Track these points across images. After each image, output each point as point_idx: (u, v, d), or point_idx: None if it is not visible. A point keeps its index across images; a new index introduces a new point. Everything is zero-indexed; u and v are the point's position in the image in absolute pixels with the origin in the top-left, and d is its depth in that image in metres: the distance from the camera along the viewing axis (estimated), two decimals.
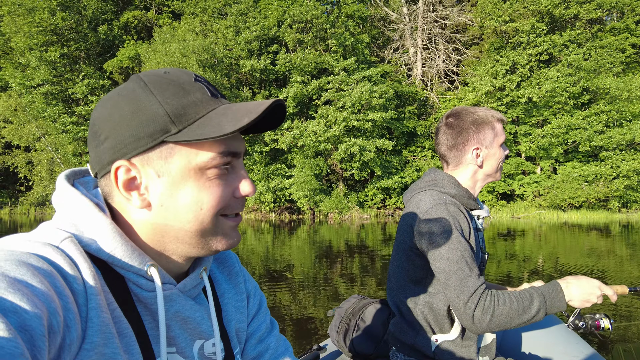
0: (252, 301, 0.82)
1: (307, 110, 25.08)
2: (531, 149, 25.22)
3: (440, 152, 1.39)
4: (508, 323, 1.11)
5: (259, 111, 0.57)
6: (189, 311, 0.65)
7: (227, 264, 0.80)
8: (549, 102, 24.70)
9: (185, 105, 0.58)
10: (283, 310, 4.15)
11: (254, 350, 0.80)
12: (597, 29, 27.33)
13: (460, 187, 1.31)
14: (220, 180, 0.61)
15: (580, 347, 1.50)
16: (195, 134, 0.56)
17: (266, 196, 22.78)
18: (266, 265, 6.92)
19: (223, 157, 0.60)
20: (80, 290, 0.51)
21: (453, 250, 1.15)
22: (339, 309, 1.70)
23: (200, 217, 0.60)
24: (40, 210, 26.59)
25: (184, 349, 0.64)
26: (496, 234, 12.97)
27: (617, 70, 26.11)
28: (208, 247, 0.63)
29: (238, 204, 0.65)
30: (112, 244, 0.56)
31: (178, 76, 0.61)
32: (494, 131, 1.32)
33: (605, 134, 24.04)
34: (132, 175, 0.59)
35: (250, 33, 23.85)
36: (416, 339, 1.29)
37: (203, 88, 0.61)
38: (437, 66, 29.58)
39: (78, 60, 26.31)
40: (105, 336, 0.52)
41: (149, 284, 0.60)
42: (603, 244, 10.05)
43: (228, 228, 0.64)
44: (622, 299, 4.35)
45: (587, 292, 1.16)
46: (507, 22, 26.10)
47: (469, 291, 1.12)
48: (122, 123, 0.57)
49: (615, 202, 23.48)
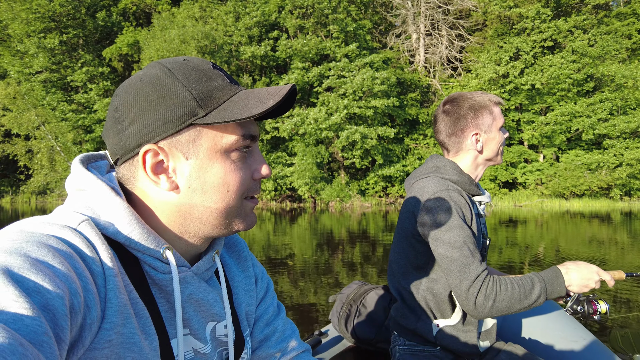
0: (260, 285, 0.85)
1: (308, 98, 24.88)
2: (534, 137, 25.04)
3: (440, 139, 1.40)
4: (510, 308, 1.12)
5: (282, 94, 0.60)
6: (202, 293, 0.66)
7: (236, 248, 0.83)
8: (553, 89, 24.45)
9: (210, 90, 0.60)
10: (285, 297, 4.14)
11: (262, 332, 0.83)
12: (603, 14, 26.90)
13: (462, 173, 1.32)
14: (242, 162, 0.64)
15: (579, 331, 1.53)
16: (223, 116, 0.58)
17: (267, 184, 22.72)
18: (268, 253, 6.89)
19: (245, 139, 0.63)
20: (99, 271, 0.53)
21: (455, 236, 1.15)
22: (340, 294, 1.72)
23: (227, 198, 0.63)
24: (42, 198, 26.63)
25: (197, 331, 0.66)
26: (498, 222, 12.92)
27: (623, 57, 25.77)
28: (230, 228, 0.66)
29: (256, 186, 0.68)
30: (129, 227, 0.58)
31: (198, 64, 0.63)
32: (492, 115, 1.32)
33: (609, 121, 23.82)
34: (160, 158, 0.60)
35: (250, 19, 23.54)
36: (418, 324, 1.30)
37: (222, 75, 0.64)
38: (440, 52, 29.23)
39: (76, 47, 26.06)
40: (124, 316, 0.54)
41: (164, 267, 0.61)
42: (605, 232, 10.00)
43: (249, 209, 0.67)
44: (619, 284, 4.42)
45: (586, 277, 1.18)
46: (512, 8, 25.69)
47: (472, 277, 1.13)
48: (148, 107, 0.59)
49: (618, 190, 23.37)
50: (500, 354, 1.34)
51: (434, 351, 1.30)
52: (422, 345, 1.31)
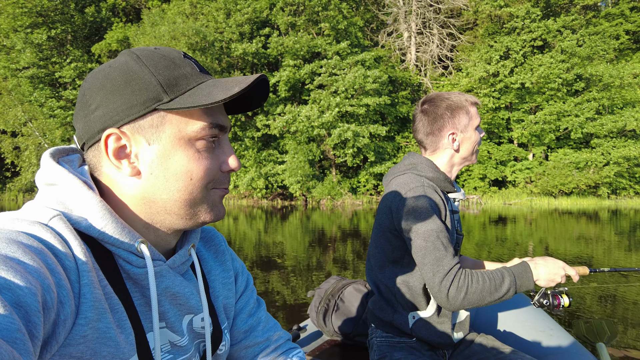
0: (240, 279, 0.85)
1: (299, 95, 24.84)
2: (523, 136, 25.29)
3: (418, 138, 1.43)
4: (481, 301, 1.17)
5: (248, 82, 0.59)
6: (178, 287, 0.66)
7: (213, 242, 0.82)
8: (542, 89, 24.71)
9: (177, 77, 0.60)
10: (268, 293, 4.13)
11: (246, 323, 0.83)
12: (591, 15, 27.24)
13: (437, 171, 1.36)
14: (208, 152, 0.63)
15: (546, 322, 1.64)
16: (187, 102, 0.58)
17: (258, 182, 22.65)
18: (258, 251, 6.87)
19: (211, 128, 0.62)
20: (72, 267, 0.52)
21: (429, 230, 1.19)
22: (319, 289, 1.75)
23: (190, 187, 0.62)
24: (29, 196, 26.26)
25: (173, 324, 0.66)
26: (488, 220, 13.03)
27: (611, 57, 26.11)
28: (195, 219, 0.64)
29: (225, 178, 0.67)
30: (103, 221, 0.57)
31: (168, 52, 0.63)
32: (469, 115, 1.36)
33: (597, 121, 24.15)
34: (122, 143, 0.60)
35: (241, 16, 23.40)
36: (394, 316, 1.34)
37: (192, 64, 0.64)
38: (431, 51, 29.35)
39: (65, 43, 25.73)
40: (99, 311, 0.54)
41: (139, 261, 0.60)
42: (592, 230, 10.14)
43: (217, 198, 0.66)
44: (583, 279, 4.62)
45: (553, 272, 1.23)
46: (502, 7, 25.89)
47: (444, 270, 1.16)
48: (114, 92, 0.59)
49: (605, 188, 23.72)
50: (472, 344, 1.40)
51: (410, 342, 1.34)
52: (399, 337, 1.35)
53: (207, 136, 0.62)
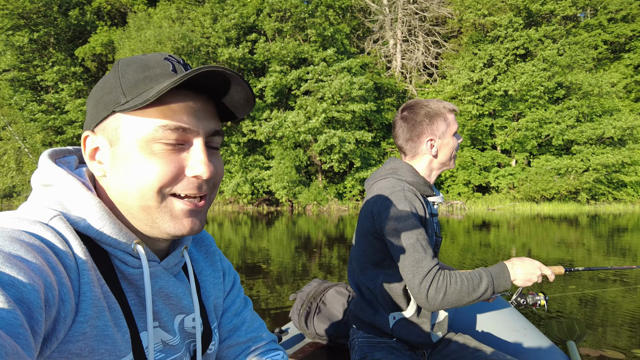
0: (227, 278, 0.86)
1: (286, 101, 24.86)
2: (507, 142, 25.74)
3: (398, 144, 1.47)
4: (459, 301, 1.19)
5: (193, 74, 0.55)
6: (171, 287, 0.67)
7: (204, 243, 0.84)
8: (525, 96, 25.22)
9: (139, 79, 0.60)
10: (251, 297, 4.11)
11: (231, 322, 0.84)
12: (571, 25, 27.96)
13: (417, 176, 1.39)
14: (168, 156, 0.60)
15: (521, 322, 1.69)
16: (136, 101, 0.58)
17: (243, 188, 22.54)
18: (244, 257, 6.83)
19: (166, 130, 0.59)
20: (72, 265, 0.53)
21: (409, 233, 1.22)
22: (301, 292, 1.76)
23: (142, 190, 0.59)
24: (7, 202, 25.61)
25: (166, 324, 0.67)
26: (472, 225, 13.19)
27: (589, 67, 26.82)
28: (157, 228, 0.62)
29: (191, 184, 0.61)
30: (101, 222, 0.58)
31: (149, 57, 0.63)
32: (447, 122, 1.40)
33: (577, 128, 24.73)
34: (95, 145, 0.63)
35: (228, 21, 23.38)
36: (375, 317, 1.36)
37: (168, 65, 0.62)
38: (417, 58, 29.72)
39: (47, 46, 25.31)
40: (98, 309, 0.55)
41: (134, 261, 0.62)
42: (572, 235, 10.35)
43: (178, 210, 0.61)
44: (559, 279, 4.75)
45: (529, 272, 1.26)
46: (486, 16, 26.41)
47: (424, 271, 1.19)
48: (94, 98, 0.63)
49: (585, 194, 24.25)
50: (451, 343, 1.44)
51: (390, 342, 1.36)
52: (380, 337, 1.37)
53: (164, 138, 0.58)
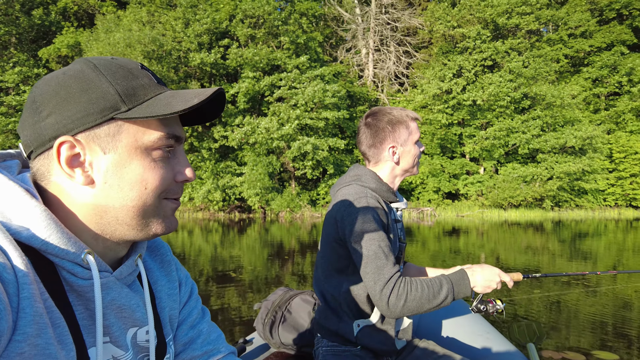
0: (184, 289, 0.83)
1: (259, 107, 24.73)
2: (475, 150, 26.48)
3: (362, 150, 1.48)
4: (420, 307, 1.20)
5: (207, 94, 0.59)
6: (124, 299, 0.64)
7: (159, 252, 0.80)
8: (492, 106, 26.07)
9: (135, 87, 0.60)
10: (221, 307, 4.01)
11: (186, 335, 0.81)
12: (535, 39, 29.20)
13: (380, 182, 1.40)
14: (163, 162, 0.63)
15: (483, 326, 1.75)
16: (145, 112, 0.58)
17: (215, 195, 22.16)
18: (213, 264, 6.68)
19: (167, 139, 0.62)
20: (11, 279, 0.50)
21: (371, 240, 1.22)
22: (266, 301, 1.73)
23: (144, 196, 0.61)
24: None
25: (117, 338, 0.64)
26: (442, 232, 13.43)
27: (552, 79, 28.04)
28: (147, 230, 0.63)
29: (178, 188, 0.66)
30: (47, 231, 0.54)
31: (125, 62, 0.63)
32: (409, 130, 1.41)
33: (541, 137, 25.75)
34: (76, 151, 0.58)
35: (200, 26, 23.13)
36: (339, 325, 1.35)
37: (149, 75, 0.64)
38: (388, 68, 30.25)
39: (8, 46, 24.27)
40: (39, 326, 0.51)
41: (84, 272, 0.58)
42: (538, 240, 10.70)
43: (169, 210, 0.65)
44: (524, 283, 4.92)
45: (489, 279, 1.29)
46: (455, 28, 27.21)
47: (385, 278, 1.19)
48: (69, 100, 0.58)
49: (549, 201, 25.22)
50: (415, 350, 1.45)
51: (354, 350, 1.36)
52: (344, 346, 1.36)
53: (163, 146, 0.62)
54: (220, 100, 0.67)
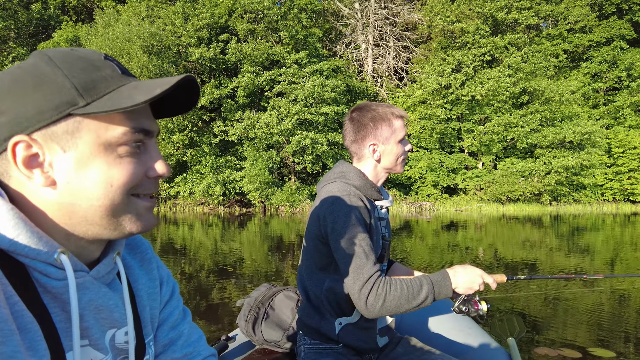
0: (165, 288, 0.80)
1: (258, 102, 24.74)
2: (473, 145, 26.54)
3: (346, 145, 1.45)
4: (398, 308, 1.19)
5: (171, 82, 0.55)
6: (102, 299, 0.61)
7: (140, 250, 0.77)
8: (491, 101, 26.08)
9: (95, 80, 0.56)
10: (197, 302, 4.03)
11: (166, 336, 0.78)
12: (534, 34, 29.16)
13: (364, 179, 1.37)
14: (131, 157, 0.59)
15: (466, 322, 1.77)
16: (105, 106, 0.54)
17: (215, 189, 22.25)
18: (215, 259, 6.76)
19: (134, 133, 0.58)
20: None
21: (352, 239, 1.21)
22: (249, 298, 1.70)
23: (111, 194, 0.57)
24: None
25: (96, 341, 0.60)
26: (440, 226, 13.52)
27: (551, 74, 28.04)
28: (120, 229, 0.60)
29: (151, 184, 0.62)
30: (15, 231, 0.51)
31: (86, 53, 0.59)
32: (392, 128, 1.36)
33: (540, 132, 25.80)
34: (33, 151, 0.54)
35: (199, 20, 23.07)
36: (321, 323, 1.34)
37: (113, 66, 0.59)
38: (387, 63, 30.22)
39: (7, 40, 24.21)
40: (3, 333, 0.47)
41: (58, 273, 0.55)
42: (536, 235, 10.77)
43: (142, 209, 0.61)
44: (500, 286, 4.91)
45: (471, 280, 1.27)
46: (454, 23, 27.17)
47: (364, 277, 1.18)
48: (22, 96, 0.53)
49: (547, 195, 25.32)
50: (397, 347, 1.45)
51: (336, 348, 1.34)
52: (326, 343, 1.35)
53: (130, 141, 0.58)
54: (193, 88, 0.63)
